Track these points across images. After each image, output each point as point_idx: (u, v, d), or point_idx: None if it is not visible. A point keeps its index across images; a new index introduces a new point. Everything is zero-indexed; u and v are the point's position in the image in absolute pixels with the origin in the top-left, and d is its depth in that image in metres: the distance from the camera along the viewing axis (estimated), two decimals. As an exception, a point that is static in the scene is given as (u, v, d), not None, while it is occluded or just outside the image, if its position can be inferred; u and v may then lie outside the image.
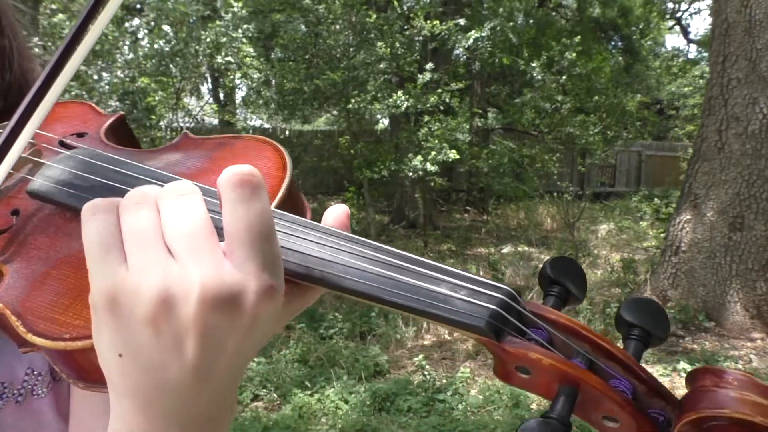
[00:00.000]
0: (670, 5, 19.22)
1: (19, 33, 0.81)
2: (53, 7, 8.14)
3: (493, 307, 0.41)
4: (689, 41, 21.41)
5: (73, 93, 7.82)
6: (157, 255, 0.38)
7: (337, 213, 0.48)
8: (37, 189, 0.55)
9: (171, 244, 0.38)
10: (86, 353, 0.44)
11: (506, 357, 0.42)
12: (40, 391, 0.69)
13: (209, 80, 15.11)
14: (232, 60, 8.77)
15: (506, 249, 9.28)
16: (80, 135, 0.68)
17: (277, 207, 0.49)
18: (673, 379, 4.85)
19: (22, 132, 0.51)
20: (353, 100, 7.98)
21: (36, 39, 7.67)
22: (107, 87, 8.42)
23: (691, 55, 20.94)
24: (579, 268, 0.47)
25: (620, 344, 0.44)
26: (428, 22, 8.38)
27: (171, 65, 8.66)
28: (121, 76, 8.52)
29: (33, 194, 0.56)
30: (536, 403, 4.22)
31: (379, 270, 0.44)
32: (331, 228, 0.47)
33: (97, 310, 0.39)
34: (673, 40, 41.04)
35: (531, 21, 14.19)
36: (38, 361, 0.70)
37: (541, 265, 0.48)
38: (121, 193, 0.50)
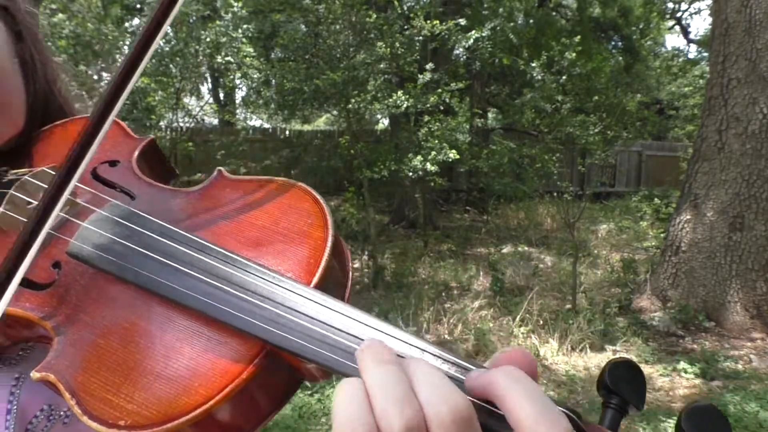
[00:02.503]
0: (670, 5, 19.21)
1: (41, 41, 0.78)
2: (53, 7, 8.14)
3: None
4: (689, 41, 21.41)
5: (72, 93, 7.82)
6: None
7: (515, 359, 0.41)
8: (77, 253, 0.54)
9: None
10: None
11: None
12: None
13: (209, 80, 15.11)
14: (232, 60, 8.77)
15: (506, 249, 9.28)
16: (112, 164, 0.66)
17: (324, 273, 0.48)
18: (673, 379, 4.85)
19: (71, 181, 0.49)
20: (353, 100, 7.98)
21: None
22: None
23: (691, 55, 20.95)
24: (638, 373, 0.44)
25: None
26: (428, 22, 8.38)
27: (171, 65, 8.66)
28: (121, 76, 8.50)
29: (73, 257, 0.54)
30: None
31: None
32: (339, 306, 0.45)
33: None
34: (673, 40, 41.09)
35: (531, 21, 14.18)
36: None
37: (540, 265, 0.46)
38: (159, 265, 0.50)
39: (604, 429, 0.41)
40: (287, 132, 12.66)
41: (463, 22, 8.97)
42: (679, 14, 19.84)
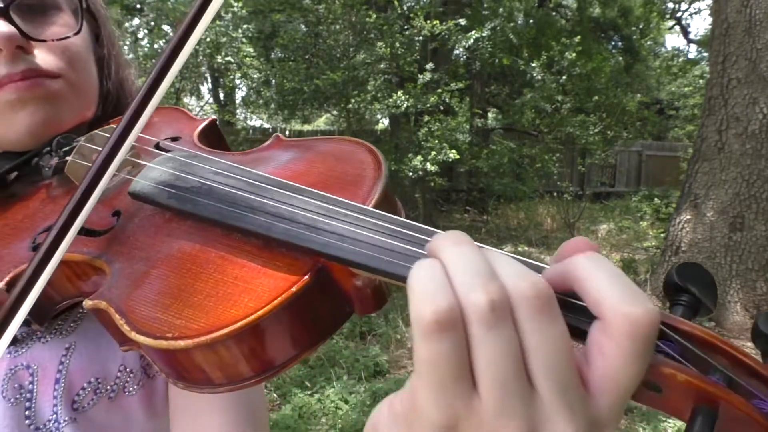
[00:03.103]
0: (670, 5, 19.22)
1: (116, 42, 0.86)
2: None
3: None
4: (689, 41, 21.42)
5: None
6: (521, 397, 0.32)
7: (575, 246, 0.39)
8: (139, 190, 0.56)
9: (536, 380, 0.32)
10: (188, 353, 0.43)
11: None
12: (131, 389, 0.71)
13: (209, 80, 15.09)
14: (232, 60, 8.77)
15: (506, 249, 9.29)
16: (174, 139, 0.69)
17: (378, 205, 0.49)
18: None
19: (129, 135, 0.51)
20: (353, 100, 7.98)
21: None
22: (107, 87, 8.42)
23: (691, 55, 20.96)
24: (708, 275, 0.42)
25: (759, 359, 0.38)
26: (428, 22, 8.38)
27: (171, 65, 8.66)
28: (121, 76, 8.52)
29: (134, 195, 0.56)
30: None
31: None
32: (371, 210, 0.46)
33: (419, 428, 0.34)
34: (673, 40, 41.12)
35: (531, 21, 14.19)
36: (131, 358, 0.72)
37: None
38: (222, 195, 0.51)
39: (677, 317, 0.39)
40: (287, 132, 12.65)
41: (463, 22, 8.97)
42: (679, 14, 19.85)
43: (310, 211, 0.48)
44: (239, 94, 14.69)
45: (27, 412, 0.66)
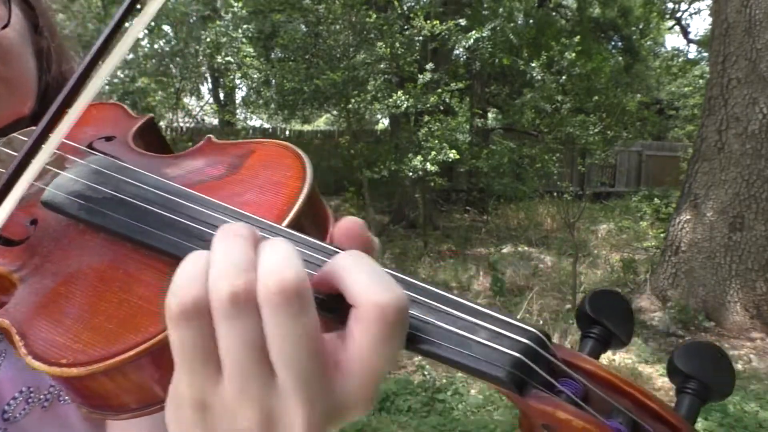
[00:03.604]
0: (670, 5, 19.22)
1: (57, 34, 0.81)
2: (53, 7, 8.14)
3: (517, 354, 0.35)
4: (689, 41, 21.42)
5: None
6: (260, 384, 0.34)
7: (347, 227, 0.42)
8: (50, 200, 0.54)
9: (276, 369, 0.34)
10: (82, 380, 0.41)
11: (531, 413, 0.36)
12: (66, 397, 0.69)
13: (209, 80, 15.11)
14: (232, 60, 8.77)
15: (506, 249, 9.29)
16: (108, 139, 0.66)
17: (294, 219, 0.47)
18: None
19: (48, 142, 0.48)
20: (353, 100, 7.98)
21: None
22: (107, 87, 8.42)
23: (691, 55, 20.95)
24: (624, 304, 0.40)
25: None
26: (428, 22, 8.38)
27: (171, 65, 8.67)
28: (121, 76, 8.53)
29: (46, 205, 0.54)
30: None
31: None
32: (334, 249, 0.42)
33: (182, 405, 0.36)
34: (673, 40, 41.10)
35: (531, 21, 14.19)
36: None
37: (540, 265, 0.44)
38: (132, 209, 0.49)
39: (581, 354, 0.37)
40: (287, 132, 12.66)
41: (463, 22, 8.97)
42: (679, 14, 19.85)
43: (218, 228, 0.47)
44: (239, 94, 14.72)
45: None
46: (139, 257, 0.48)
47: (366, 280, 0.34)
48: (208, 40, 8.44)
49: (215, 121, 13.97)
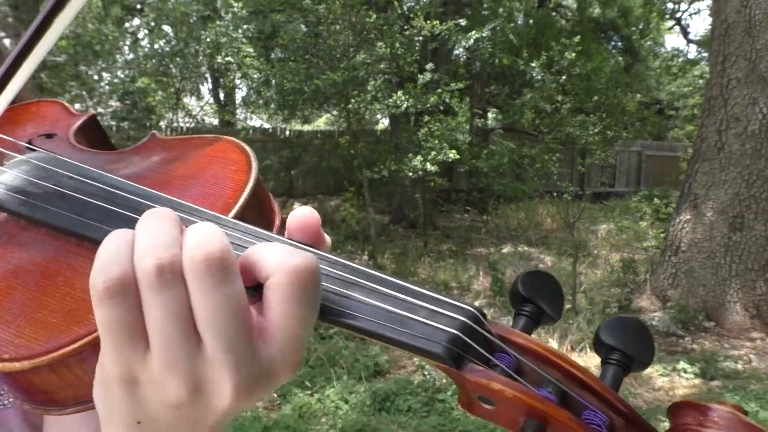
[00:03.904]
0: (670, 5, 19.22)
1: None
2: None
3: (453, 330, 0.37)
4: (689, 41, 21.41)
5: (73, 93, 7.83)
6: (187, 354, 0.34)
7: (303, 219, 0.43)
8: None
9: (203, 337, 0.35)
10: (26, 375, 0.41)
11: (467, 386, 0.38)
12: (7, 401, 0.68)
13: (209, 80, 15.10)
14: (232, 60, 8.78)
15: (506, 249, 9.29)
16: (49, 136, 0.65)
17: (240, 212, 0.47)
18: (673, 379, 4.85)
19: None
20: (353, 100, 7.98)
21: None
22: (107, 87, 8.42)
23: (691, 55, 20.94)
24: (555, 284, 0.43)
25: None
26: (428, 22, 8.38)
27: (171, 65, 8.67)
28: (121, 76, 8.53)
29: None
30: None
31: (328, 285, 0.40)
32: (281, 238, 0.43)
33: (110, 384, 0.37)
34: (673, 40, 41.07)
35: (531, 21, 14.20)
36: None
37: (540, 265, 0.45)
38: (73, 202, 0.49)
39: (515, 330, 0.40)
40: (287, 132, 12.65)
41: (463, 22, 8.97)
42: (678, 14, 19.84)
43: None
44: (239, 94, 14.72)
45: None
46: (82, 251, 0.47)
47: (276, 253, 0.35)
48: (208, 40, 8.44)
49: (215, 121, 13.96)
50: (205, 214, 0.46)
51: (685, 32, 20.60)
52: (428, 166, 7.77)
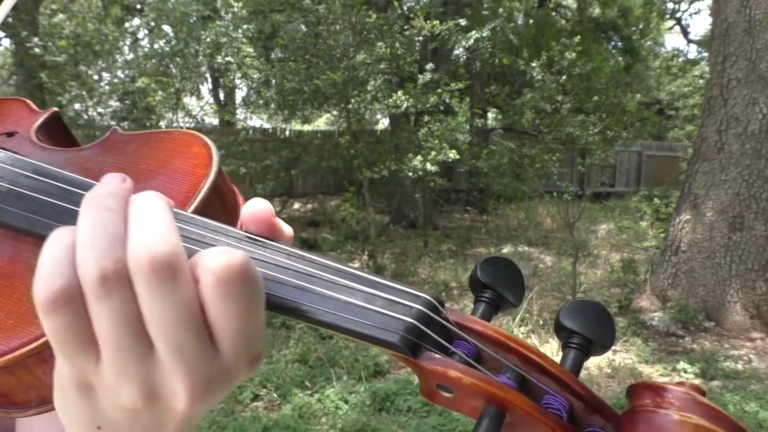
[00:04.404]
0: (670, 5, 19.22)
1: None
2: (53, 7, 8.14)
3: (409, 319, 0.37)
4: (689, 41, 21.42)
5: (73, 93, 7.83)
6: (138, 360, 0.34)
7: (255, 211, 0.43)
8: None
9: (155, 343, 0.34)
10: None
11: (426, 374, 0.37)
12: None
13: (209, 80, 15.12)
14: (232, 60, 8.77)
15: (506, 249, 9.29)
16: (10, 134, 0.64)
17: (200, 206, 0.47)
18: (673, 379, 4.84)
19: None
20: (353, 100, 7.98)
21: (36, 39, 7.67)
22: (107, 87, 8.42)
23: (691, 55, 20.96)
24: (515, 269, 0.43)
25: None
26: (428, 22, 8.38)
27: (171, 65, 8.67)
28: (121, 76, 8.53)
29: None
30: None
31: (284, 278, 0.39)
32: (238, 232, 0.42)
33: (67, 389, 0.36)
34: (673, 40, 41.05)
35: (531, 21, 14.20)
36: None
37: (540, 265, 0.45)
38: (30, 201, 0.48)
39: (472, 317, 0.40)
40: (287, 132, 12.65)
41: (463, 22, 8.97)
42: (679, 14, 19.85)
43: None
44: (239, 94, 14.73)
45: None
46: (39, 250, 0.47)
47: (206, 253, 0.34)
48: (208, 40, 8.44)
49: (215, 122, 13.96)
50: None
51: (685, 32, 20.61)
52: (428, 166, 7.77)
